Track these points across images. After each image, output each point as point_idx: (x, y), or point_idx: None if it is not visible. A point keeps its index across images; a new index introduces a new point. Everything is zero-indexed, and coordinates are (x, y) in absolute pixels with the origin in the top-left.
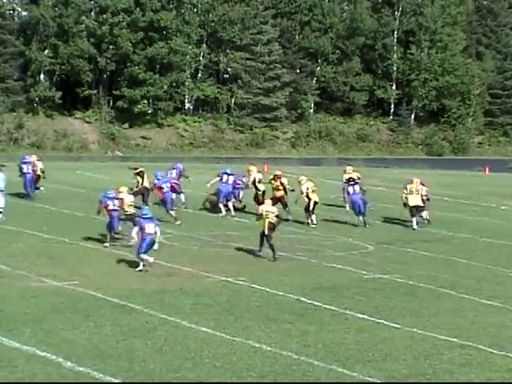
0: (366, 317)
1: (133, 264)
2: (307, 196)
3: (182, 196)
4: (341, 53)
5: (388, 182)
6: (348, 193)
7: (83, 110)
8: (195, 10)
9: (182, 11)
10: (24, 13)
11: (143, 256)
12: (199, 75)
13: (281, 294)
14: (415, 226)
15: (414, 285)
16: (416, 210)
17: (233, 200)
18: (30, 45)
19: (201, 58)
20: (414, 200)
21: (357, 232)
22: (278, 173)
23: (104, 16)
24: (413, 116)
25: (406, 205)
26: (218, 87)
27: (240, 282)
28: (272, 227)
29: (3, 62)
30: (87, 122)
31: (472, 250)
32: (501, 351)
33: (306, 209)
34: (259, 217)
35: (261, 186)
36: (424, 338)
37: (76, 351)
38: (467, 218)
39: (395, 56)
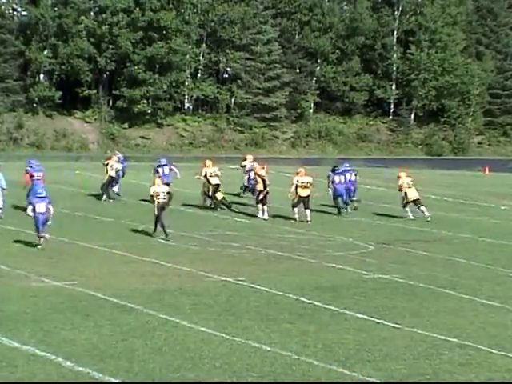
0: (365, 317)
1: (132, 264)
2: (296, 191)
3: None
4: (340, 53)
5: (388, 182)
6: (333, 181)
7: (83, 109)
8: (195, 9)
9: (182, 11)
10: (24, 13)
11: (40, 234)
12: (199, 75)
13: (280, 293)
14: (412, 217)
15: (414, 285)
16: (416, 203)
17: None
18: (29, 45)
19: (200, 58)
20: (414, 193)
21: (357, 232)
22: (250, 164)
23: (103, 16)
24: (412, 116)
25: (403, 200)
26: (217, 87)
27: (240, 282)
28: (162, 207)
29: (3, 61)
30: (87, 122)
31: (472, 249)
32: (500, 351)
33: (293, 205)
34: (151, 198)
35: (214, 180)
36: (424, 337)
37: (75, 351)
38: (467, 217)
39: (395, 56)
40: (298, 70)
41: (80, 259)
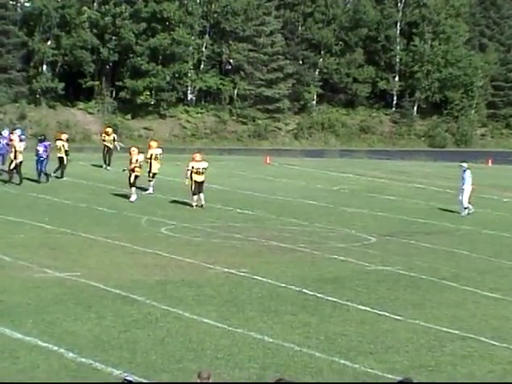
0: (367, 309)
1: (134, 255)
2: (190, 177)
3: None
4: (344, 44)
5: (390, 174)
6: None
7: (86, 100)
8: (198, 0)
9: (185, 2)
10: (27, 3)
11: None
12: (202, 66)
13: (283, 285)
14: (152, 191)
15: (416, 277)
16: (153, 177)
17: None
18: (32, 35)
19: (203, 49)
20: (157, 166)
21: (359, 224)
22: (132, 149)
23: (106, 7)
24: (415, 108)
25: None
26: (220, 78)
27: (242, 274)
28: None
29: (6, 52)
30: (90, 113)
31: (474, 242)
32: (502, 343)
33: (194, 192)
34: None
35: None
36: (426, 329)
37: (78, 342)
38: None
39: (398, 48)
40: (301, 62)
41: (82, 250)
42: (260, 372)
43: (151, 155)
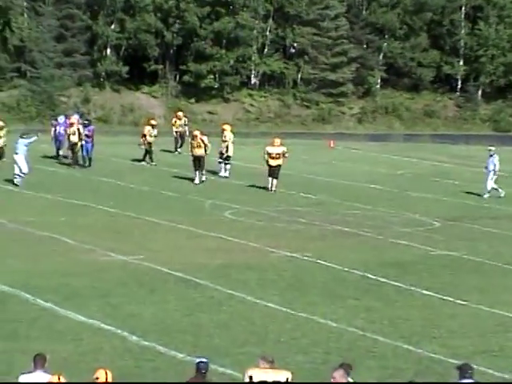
0: (431, 293)
1: (198, 239)
2: (267, 161)
3: None
4: (408, 28)
5: (455, 159)
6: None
7: (150, 84)
8: None
9: None
10: None
11: None
12: (266, 50)
13: (346, 269)
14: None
15: (481, 262)
16: (227, 160)
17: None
18: (96, 19)
19: (267, 33)
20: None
21: (423, 208)
22: (196, 132)
23: None
24: (480, 92)
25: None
26: (284, 62)
27: (305, 258)
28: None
29: (70, 36)
30: (153, 97)
31: None
32: None
33: (268, 175)
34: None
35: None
36: (490, 315)
37: (141, 325)
38: None
39: (463, 32)
40: (365, 46)
41: (146, 234)
42: (323, 356)
43: (229, 138)
